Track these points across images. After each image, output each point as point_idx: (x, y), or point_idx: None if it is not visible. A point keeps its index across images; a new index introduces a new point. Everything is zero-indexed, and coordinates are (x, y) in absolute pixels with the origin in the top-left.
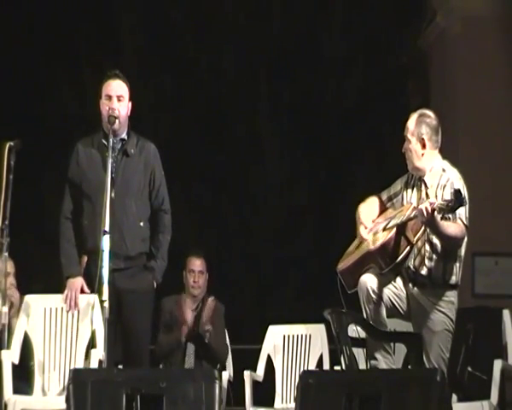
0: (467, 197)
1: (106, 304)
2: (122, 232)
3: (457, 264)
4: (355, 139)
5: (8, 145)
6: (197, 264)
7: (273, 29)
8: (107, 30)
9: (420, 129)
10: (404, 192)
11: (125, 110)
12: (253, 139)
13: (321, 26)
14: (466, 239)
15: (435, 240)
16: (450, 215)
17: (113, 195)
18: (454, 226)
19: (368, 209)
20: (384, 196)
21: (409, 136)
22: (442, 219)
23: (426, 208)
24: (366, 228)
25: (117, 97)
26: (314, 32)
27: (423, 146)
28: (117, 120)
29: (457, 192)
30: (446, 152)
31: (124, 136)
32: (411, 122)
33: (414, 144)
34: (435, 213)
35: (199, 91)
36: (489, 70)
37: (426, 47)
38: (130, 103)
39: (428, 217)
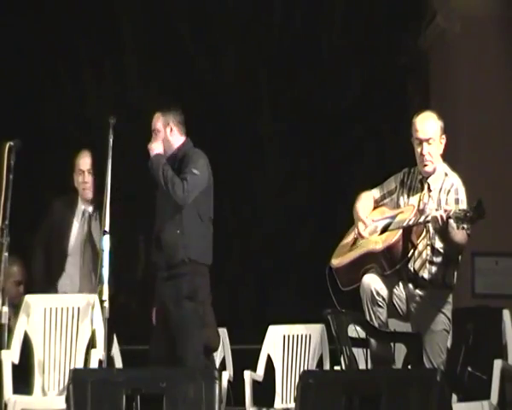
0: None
1: (106, 304)
2: (161, 242)
3: (456, 268)
4: (355, 139)
5: (8, 145)
6: None
7: (273, 29)
8: (107, 30)
9: (440, 131)
10: (400, 192)
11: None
12: (253, 139)
13: (321, 26)
14: None
15: (437, 244)
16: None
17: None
18: (461, 234)
19: (364, 207)
20: (377, 194)
21: (432, 138)
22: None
23: (441, 216)
24: (366, 226)
25: (153, 132)
26: (314, 31)
27: (441, 147)
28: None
29: (479, 204)
30: (446, 152)
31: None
32: (432, 124)
33: (437, 147)
34: (449, 220)
35: (199, 91)
36: (489, 70)
37: (426, 47)
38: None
39: (443, 225)
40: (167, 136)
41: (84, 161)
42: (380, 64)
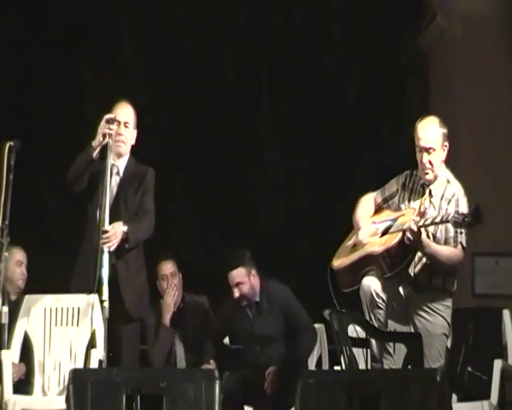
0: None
1: (106, 304)
2: None
3: (456, 273)
4: (355, 139)
5: (8, 145)
6: (167, 267)
7: (273, 29)
8: (107, 30)
9: (442, 138)
10: (402, 195)
11: None
12: (253, 139)
13: (321, 26)
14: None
15: None
16: (452, 238)
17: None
18: (448, 250)
19: (365, 213)
20: (379, 197)
21: (433, 148)
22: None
23: (410, 228)
24: (365, 232)
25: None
26: (314, 31)
27: (443, 154)
28: None
29: (477, 209)
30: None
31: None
32: (434, 133)
33: (438, 155)
34: (422, 232)
35: (199, 91)
36: (489, 71)
37: (426, 47)
38: None
39: (415, 237)
40: (252, 283)
41: (122, 112)
42: (380, 64)
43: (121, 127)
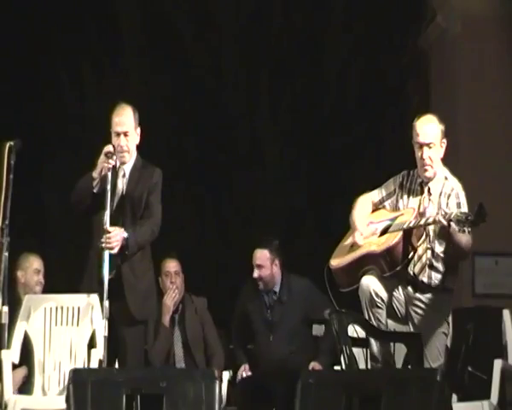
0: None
1: (106, 304)
2: None
3: (456, 272)
4: (355, 139)
5: (8, 145)
6: (172, 265)
7: (273, 29)
8: (107, 30)
9: (441, 135)
10: (399, 194)
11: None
12: (252, 139)
13: (321, 26)
14: None
15: (437, 249)
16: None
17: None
18: (466, 238)
19: (362, 213)
20: (375, 196)
21: (433, 143)
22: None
23: (439, 220)
24: (362, 234)
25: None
26: (314, 31)
27: (442, 151)
28: None
29: (481, 207)
30: (446, 152)
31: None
32: (433, 128)
33: (437, 151)
34: (452, 223)
35: (199, 91)
36: (489, 70)
37: (426, 47)
38: None
39: (445, 228)
40: (272, 271)
41: (121, 121)
42: (380, 64)
43: (121, 138)
